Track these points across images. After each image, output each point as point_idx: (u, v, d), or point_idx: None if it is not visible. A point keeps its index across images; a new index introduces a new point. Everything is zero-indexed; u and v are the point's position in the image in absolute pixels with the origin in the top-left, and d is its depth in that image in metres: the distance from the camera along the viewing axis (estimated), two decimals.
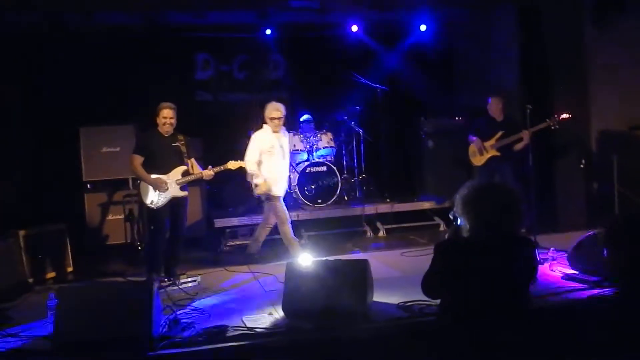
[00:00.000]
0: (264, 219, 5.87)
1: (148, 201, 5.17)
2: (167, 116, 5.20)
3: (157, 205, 5.15)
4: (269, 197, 5.68)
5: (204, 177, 5.36)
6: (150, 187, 5.16)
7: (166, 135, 5.27)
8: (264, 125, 5.71)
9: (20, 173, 6.74)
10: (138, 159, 5.20)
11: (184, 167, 5.29)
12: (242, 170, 5.59)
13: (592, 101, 7.20)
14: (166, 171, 5.22)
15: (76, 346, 3.47)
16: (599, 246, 4.38)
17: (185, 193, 5.31)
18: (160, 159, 5.22)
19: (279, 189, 5.71)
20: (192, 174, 5.32)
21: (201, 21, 7.40)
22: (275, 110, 5.63)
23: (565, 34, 7.32)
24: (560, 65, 7.37)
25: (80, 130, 6.81)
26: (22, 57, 7.12)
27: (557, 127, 6.01)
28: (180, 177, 5.25)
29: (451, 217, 2.90)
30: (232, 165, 5.40)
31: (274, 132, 5.67)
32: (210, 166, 5.36)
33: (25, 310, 4.52)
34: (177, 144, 5.28)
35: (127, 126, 6.84)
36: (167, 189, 5.17)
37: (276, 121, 5.63)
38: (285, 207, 5.74)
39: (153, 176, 5.17)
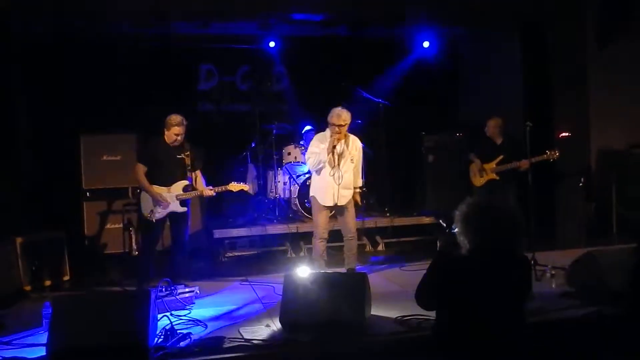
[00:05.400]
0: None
1: (146, 212, 5.12)
2: (178, 133, 5.10)
3: (155, 217, 5.10)
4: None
5: (204, 195, 5.29)
6: (151, 198, 5.12)
7: (172, 146, 5.19)
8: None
9: (20, 179, 6.73)
10: (142, 169, 5.14)
11: (185, 182, 5.21)
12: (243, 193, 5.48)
13: (592, 119, 7.23)
14: (168, 184, 5.16)
15: (71, 354, 3.45)
16: (594, 263, 4.41)
17: (184, 209, 5.22)
18: (163, 171, 5.16)
19: (327, 199, 5.32)
20: (194, 190, 5.23)
21: (205, 32, 7.50)
22: (335, 115, 5.22)
23: (568, 53, 7.38)
24: (563, 83, 7.42)
25: (81, 137, 6.81)
26: (25, 64, 7.16)
27: (556, 159, 5.93)
28: (181, 192, 5.19)
29: (443, 224, 2.91)
30: (234, 187, 5.30)
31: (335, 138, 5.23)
32: (210, 186, 5.29)
33: (21, 318, 4.48)
34: (182, 155, 5.17)
35: (128, 135, 6.83)
36: (168, 204, 5.13)
37: (336, 128, 5.21)
38: (322, 220, 5.36)
39: (155, 187, 5.12)
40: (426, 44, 8.20)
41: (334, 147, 5.24)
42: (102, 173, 6.77)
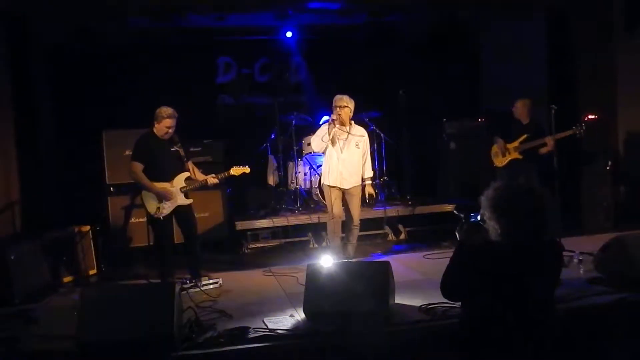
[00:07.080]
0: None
1: (152, 210, 5.02)
2: (170, 126, 4.96)
3: (162, 214, 4.99)
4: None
5: (208, 184, 5.21)
6: (154, 196, 4.99)
7: (163, 139, 5.05)
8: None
9: (46, 175, 6.84)
10: (139, 167, 4.95)
11: (187, 174, 5.12)
12: (246, 175, 5.37)
13: (619, 103, 7.07)
14: (169, 179, 5.06)
15: (99, 346, 3.51)
16: (624, 248, 4.31)
17: (190, 201, 5.15)
18: (162, 166, 5.03)
19: (331, 179, 5.59)
20: (196, 180, 5.16)
21: (222, 24, 7.53)
22: (337, 98, 5.58)
23: (593, 36, 7.22)
24: (588, 67, 7.26)
25: (103, 133, 6.89)
26: (47, 60, 7.26)
27: (583, 135, 5.85)
28: (184, 184, 5.11)
29: (459, 214, 2.84)
30: (235, 171, 5.24)
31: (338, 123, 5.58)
32: (213, 174, 5.22)
33: (51, 311, 4.57)
34: (175, 147, 5.06)
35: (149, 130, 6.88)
36: (174, 198, 5.04)
37: (337, 109, 5.53)
38: (332, 199, 5.58)
39: (158, 185, 4.99)
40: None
41: (333, 135, 5.52)
42: (125, 168, 6.81)
